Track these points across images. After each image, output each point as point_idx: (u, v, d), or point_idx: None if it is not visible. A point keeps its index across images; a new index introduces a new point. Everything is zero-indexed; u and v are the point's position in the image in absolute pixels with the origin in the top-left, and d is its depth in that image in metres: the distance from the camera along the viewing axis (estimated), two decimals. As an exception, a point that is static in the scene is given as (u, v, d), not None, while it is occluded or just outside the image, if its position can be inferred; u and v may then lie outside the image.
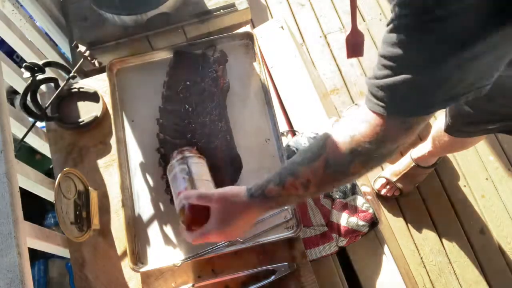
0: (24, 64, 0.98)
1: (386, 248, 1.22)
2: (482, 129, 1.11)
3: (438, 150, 1.47)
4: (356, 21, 1.11)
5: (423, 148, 1.55)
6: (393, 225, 1.64)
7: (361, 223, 1.15)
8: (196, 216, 0.76)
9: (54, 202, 0.88)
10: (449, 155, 1.72)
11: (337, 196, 1.16)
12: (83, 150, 1.09)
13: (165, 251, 0.96)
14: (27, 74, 0.98)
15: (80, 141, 1.10)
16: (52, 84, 1.07)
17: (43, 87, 1.22)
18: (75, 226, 0.91)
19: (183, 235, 0.79)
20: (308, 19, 2.03)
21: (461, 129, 1.15)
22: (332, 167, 0.66)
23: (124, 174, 1.02)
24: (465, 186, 1.68)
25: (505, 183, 1.67)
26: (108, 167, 1.07)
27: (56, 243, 0.98)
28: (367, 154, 0.63)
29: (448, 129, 1.19)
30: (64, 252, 1.01)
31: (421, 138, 1.73)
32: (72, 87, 1.12)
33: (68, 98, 1.12)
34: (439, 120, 1.33)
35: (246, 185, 1.00)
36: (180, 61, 1.09)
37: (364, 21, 2.00)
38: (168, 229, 0.98)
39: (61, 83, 1.07)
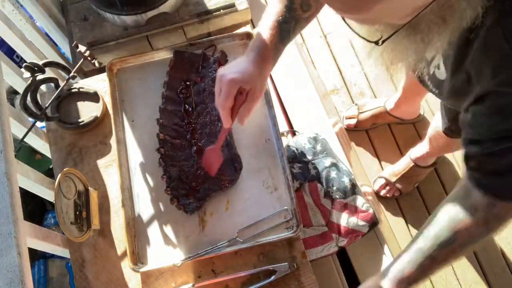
0: (24, 64, 0.98)
1: (386, 248, 1.22)
2: None
3: (436, 150, 1.48)
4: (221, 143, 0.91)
5: (421, 148, 1.55)
6: (393, 225, 1.64)
7: (361, 223, 1.15)
8: None
9: (54, 202, 0.88)
10: (449, 155, 1.72)
11: (337, 196, 1.16)
12: (83, 150, 1.09)
13: (165, 251, 0.96)
14: (27, 74, 0.98)
15: (80, 141, 1.10)
16: (52, 84, 1.07)
17: (43, 87, 1.22)
18: (75, 226, 0.91)
19: None
20: (308, 19, 2.03)
21: (460, 131, 1.15)
22: (470, 246, 0.74)
23: (124, 174, 1.02)
24: (465, 186, 1.68)
25: (505, 183, 1.67)
26: (108, 167, 1.07)
27: (56, 243, 0.98)
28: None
29: (447, 131, 1.19)
30: (64, 252, 1.01)
31: (420, 137, 1.73)
32: (72, 87, 1.12)
33: (68, 98, 1.12)
34: (435, 121, 1.33)
35: (246, 184, 1.01)
36: (180, 61, 1.09)
37: (364, 21, 2.00)
38: (168, 229, 0.98)
39: (61, 83, 1.07)
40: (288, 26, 0.81)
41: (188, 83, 1.06)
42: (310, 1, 0.81)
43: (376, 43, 0.57)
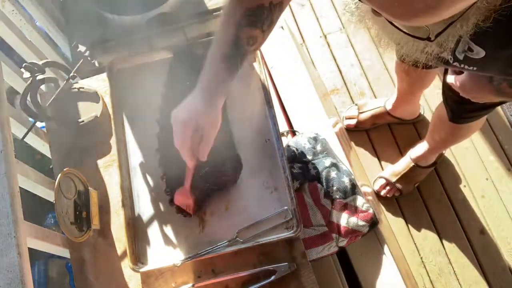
0: (24, 64, 0.98)
1: (386, 248, 1.22)
2: (488, 110, 1.12)
3: (438, 145, 1.47)
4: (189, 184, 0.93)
5: (421, 147, 1.55)
6: (393, 225, 1.64)
7: (361, 223, 1.15)
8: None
9: (54, 202, 0.88)
10: (449, 156, 1.72)
11: (337, 196, 1.16)
12: (83, 150, 1.09)
13: (165, 251, 0.96)
14: (27, 74, 0.98)
15: (80, 141, 1.10)
16: (52, 84, 1.07)
17: (43, 87, 1.22)
18: (75, 226, 0.92)
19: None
20: (308, 19, 2.03)
21: (467, 116, 1.16)
22: None
23: (124, 174, 1.02)
24: (465, 186, 1.68)
25: (505, 183, 1.68)
26: (108, 167, 1.07)
27: (56, 243, 0.98)
28: None
29: (454, 118, 1.20)
30: (64, 252, 1.01)
31: (420, 137, 1.74)
32: (72, 87, 1.12)
33: (68, 98, 1.12)
34: (437, 114, 1.32)
35: (246, 184, 1.01)
36: (180, 61, 1.09)
37: (364, 21, 2.00)
38: (168, 229, 0.98)
39: (61, 83, 1.07)
40: (235, 61, 0.80)
41: (188, 83, 1.06)
42: (256, 35, 0.80)
43: (428, 39, 0.57)
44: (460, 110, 1.15)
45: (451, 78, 0.93)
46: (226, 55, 0.79)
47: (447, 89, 1.13)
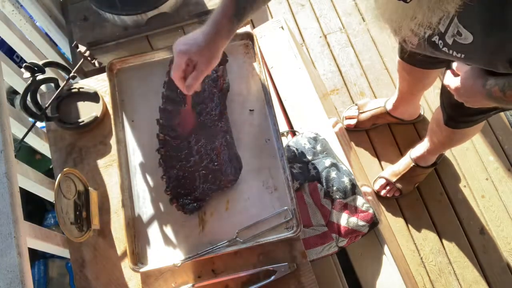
0: (24, 64, 0.98)
1: (386, 248, 1.22)
2: (482, 116, 1.11)
3: (437, 147, 1.47)
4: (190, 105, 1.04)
5: (422, 148, 1.55)
6: (393, 225, 1.64)
7: (361, 223, 1.15)
8: None
9: (54, 202, 0.88)
10: (449, 155, 1.72)
11: (337, 197, 1.16)
12: (83, 150, 1.09)
13: (165, 251, 0.97)
14: (27, 74, 0.98)
15: (80, 141, 1.10)
16: (52, 84, 1.07)
17: (43, 87, 1.22)
18: (75, 226, 0.92)
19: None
20: (308, 19, 2.03)
21: (462, 120, 1.16)
22: None
23: (124, 174, 1.02)
24: (465, 186, 1.68)
25: (505, 183, 1.68)
26: (108, 167, 1.07)
27: (56, 243, 0.98)
28: None
29: (449, 122, 1.20)
30: (64, 252, 1.01)
31: (420, 137, 1.74)
32: (72, 87, 1.12)
33: (68, 98, 1.12)
34: (435, 117, 1.33)
35: (246, 184, 1.01)
36: (180, 61, 1.08)
37: (364, 21, 2.00)
38: (168, 229, 0.98)
39: (61, 83, 1.07)
40: (244, 1, 0.83)
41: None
42: None
43: (405, 1, 0.60)
44: (455, 114, 1.15)
45: (447, 80, 0.94)
46: None
47: (444, 92, 1.13)
